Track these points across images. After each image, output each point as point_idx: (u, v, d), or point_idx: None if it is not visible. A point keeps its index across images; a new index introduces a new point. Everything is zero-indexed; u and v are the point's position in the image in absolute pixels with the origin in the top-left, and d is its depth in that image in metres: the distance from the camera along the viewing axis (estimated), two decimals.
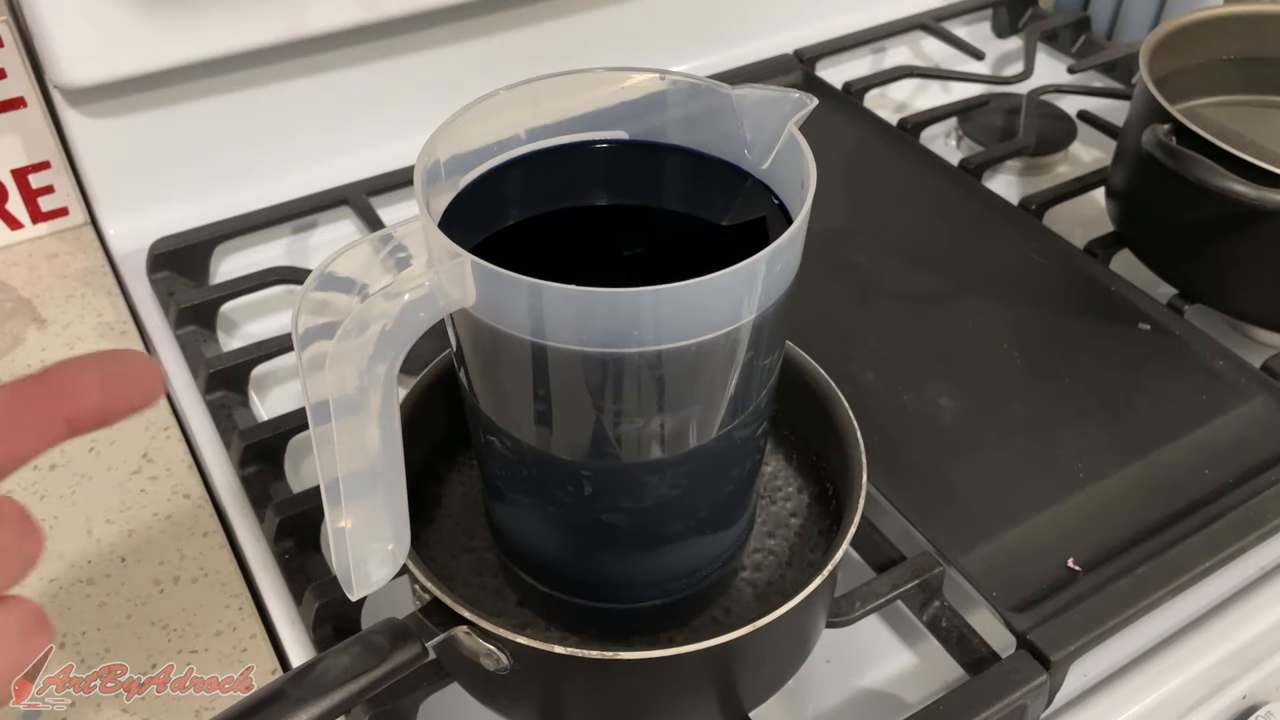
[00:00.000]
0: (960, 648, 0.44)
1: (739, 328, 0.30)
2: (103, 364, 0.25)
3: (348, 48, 0.66)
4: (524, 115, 0.36)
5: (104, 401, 0.25)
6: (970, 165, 0.68)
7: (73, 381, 0.25)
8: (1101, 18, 0.86)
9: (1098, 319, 0.58)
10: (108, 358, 0.25)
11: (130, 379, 0.25)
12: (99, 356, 0.25)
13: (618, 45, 0.75)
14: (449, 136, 0.33)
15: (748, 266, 0.29)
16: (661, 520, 0.36)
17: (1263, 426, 0.51)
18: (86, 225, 0.66)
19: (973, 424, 0.52)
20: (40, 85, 0.61)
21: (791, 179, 0.33)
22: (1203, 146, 0.53)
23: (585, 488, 0.34)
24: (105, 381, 0.25)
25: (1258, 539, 0.46)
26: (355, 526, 0.32)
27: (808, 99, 0.33)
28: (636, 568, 0.38)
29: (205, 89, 0.63)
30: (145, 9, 0.56)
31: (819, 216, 0.32)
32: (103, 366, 0.25)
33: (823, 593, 0.37)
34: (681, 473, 0.34)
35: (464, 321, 0.32)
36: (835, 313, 0.58)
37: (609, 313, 0.29)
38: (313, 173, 0.67)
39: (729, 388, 0.32)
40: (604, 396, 0.31)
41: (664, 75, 0.36)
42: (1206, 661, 0.45)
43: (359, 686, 0.33)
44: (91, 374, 0.25)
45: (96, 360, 0.25)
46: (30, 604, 0.23)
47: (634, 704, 0.38)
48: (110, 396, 0.25)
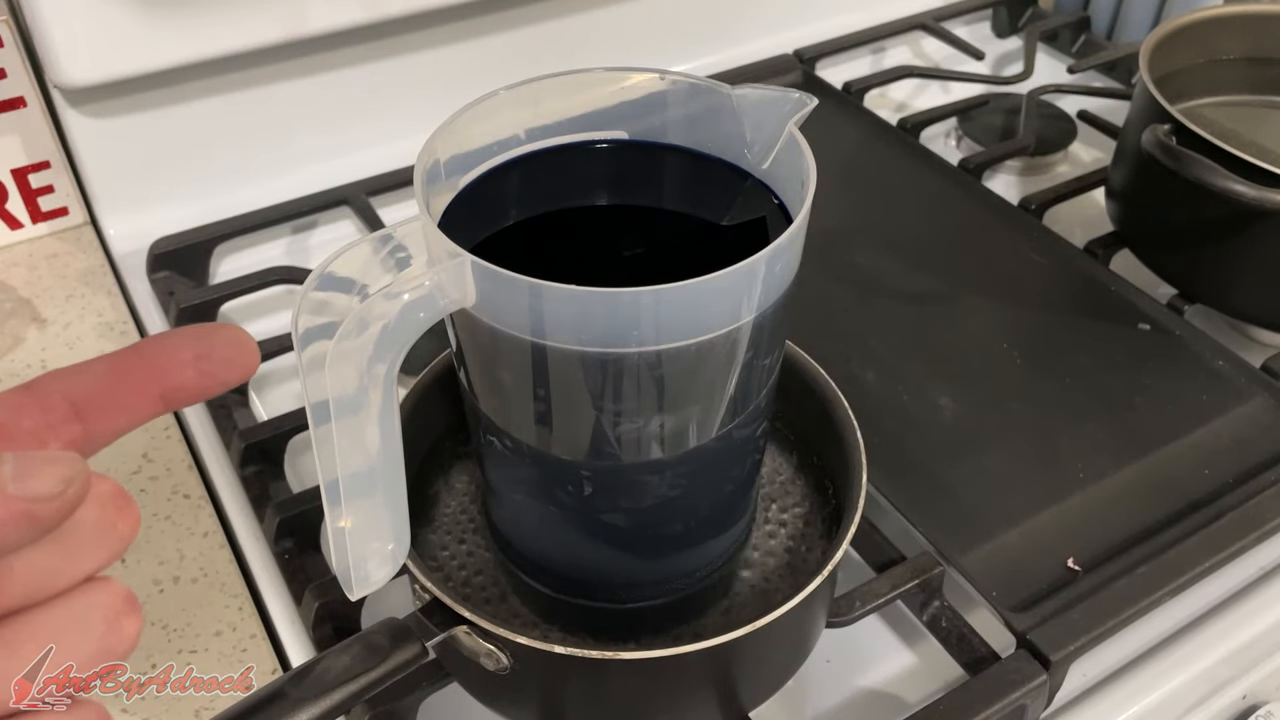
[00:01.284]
0: (960, 648, 0.44)
1: (739, 327, 0.30)
2: (198, 339, 0.25)
3: (348, 48, 0.66)
4: (524, 115, 0.36)
5: (199, 377, 0.25)
6: (970, 165, 0.68)
7: (168, 356, 0.25)
8: (1101, 18, 0.86)
9: (1098, 319, 0.58)
10: (204, 332, 0.25)
11: (226, 354, 0.25)
12: (195, 331, 0.25)
13: (618, 45, 0.75)
14: (449, 136, 0.33)
15: (747, 266, 0.29)
16: (661, 520, 0.36)
17: (1263, 426, 0.51)
18: (86, 225, 0.66)
19: (973, 424, 0.52)
20: (40, 85, 0.61)
21: (791, 179, 0.33)
22: (1203, 146, 0.53)
23: (585, 488, 0.34)
24: (200, 357, 0.25)
25: (1258, 539, 0.46)
26: (355, 526, 0.32)
27: (808, 99, 0.33)
28: (636, 568, 0.38)
29: (205, 89, 0.63)
30: (145, 9, 0.56)
31: (819, 216, 0.32)
32: (198, 341, 0.25)
33: (823, 593, 0.37)
34: (681, 473, 0.34)
35: (464, 321, 0.32)
36: (835, 313, 0.58)
37: (608, 312, 0.29)
38: (313, 173, 0.67)
39: (729, 388, 0.32)
40: (604, 396, 0.31)
41: (664, 75, 0.36)
42: (1206, 661, 0.45)
43: (359, 686, 0.33)
44: (187, 349, 0.25)
45: (193, 335, 0.25)
46: (121, 587, 0.23)
47: (634, 704, 0.38)
48: (204, 373, 0.25)
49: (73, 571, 0.22)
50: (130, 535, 0.22)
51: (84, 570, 0.22)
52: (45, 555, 0.21)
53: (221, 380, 0.25)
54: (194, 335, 0.25)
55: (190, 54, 0.59)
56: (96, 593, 0.22)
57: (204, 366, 0.25)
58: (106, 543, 0.22)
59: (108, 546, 0.22)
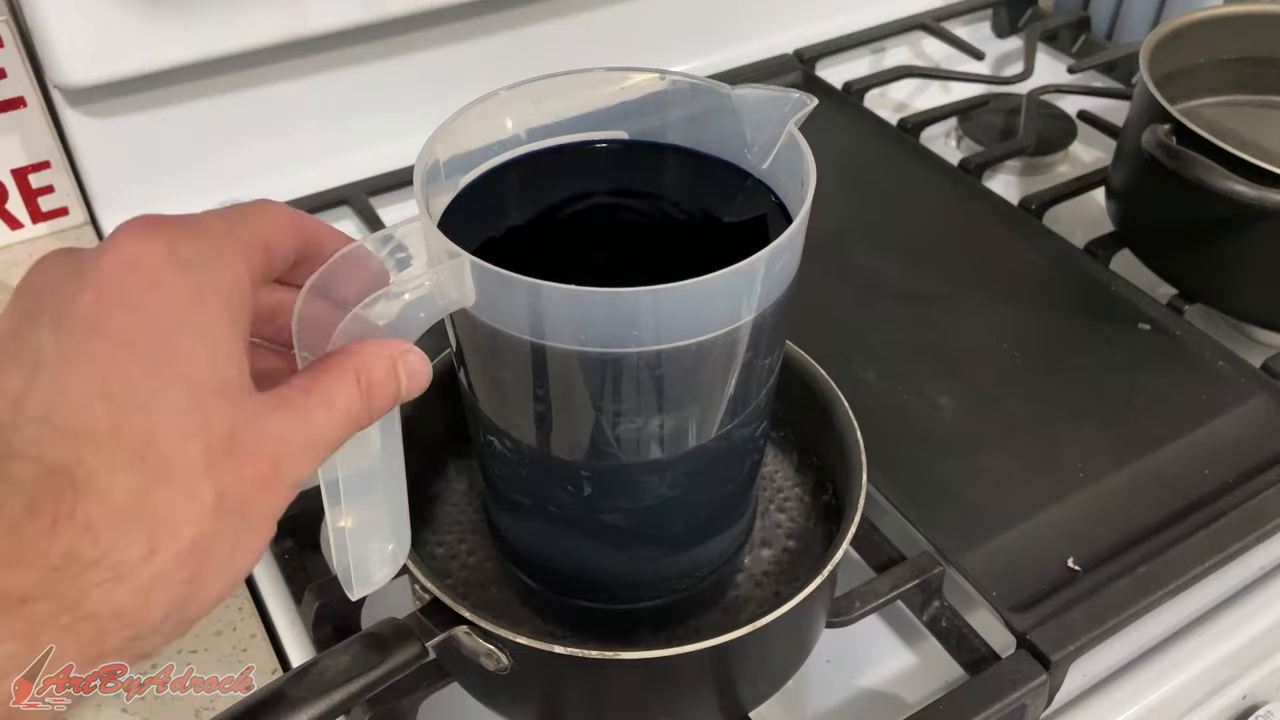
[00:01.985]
0: (960, 648, 0.44)
1: (738, 327, 0.30)
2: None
3: (348, 48, 0.66)
4: (524, 115, 0.36)
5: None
6: (970, 165, 0.68)
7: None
8: (1101, 18, 0.86)
9: (1098, 319, 0.58)
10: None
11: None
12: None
13: (618, 45, 0.74)
14: (449, 136, 0.33)
15: (747, 266, 0.29)
16: (661, 521, 0.36)
17: (1263, 426, 0.51)
18: (86, 225, 0.66)
19: (973, 424, 0.52)
20: (40, 85, 0.61)
21: (791, 179, 0.33)
22: (1203, 146, 0.53)
23: (585, 488, 0.34)
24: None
25: (1258, 539, 0.46)
26: (355, 526, 0.32)
27: (808, 99, 0.33)
28: (636, 568, 0.38)
29: (206, 89, 0.63)
30: (145, 9, 0.56)
31: (819, 216, 0.32)
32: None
33: (823, 593, 0.37)
34: (681, 473, 0.34)
35: (464, 322, 0.32)
36: (835, 313, 0.58)
37: (608, 312, 0.29)
38: (313, 173, 0.67)
39: (729, 388, 0.32)
40: (603, 397, 0.31)
41: (664, 75, 0.36)
42: (1206, 661, 0.45)
43: (359, 686, 0.33)
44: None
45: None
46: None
47: (634, 704, 0.38)
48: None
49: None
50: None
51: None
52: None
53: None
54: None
55: (191, 54, 0.59)
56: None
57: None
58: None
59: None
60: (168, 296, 0.23)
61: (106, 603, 0.21)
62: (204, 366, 0.23)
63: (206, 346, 0.23)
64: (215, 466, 0.23)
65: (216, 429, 0.23)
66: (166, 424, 0.22)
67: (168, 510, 0.22)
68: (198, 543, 0.22)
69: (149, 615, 0.22)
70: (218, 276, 0.24)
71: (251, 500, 0.24)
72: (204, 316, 0.24)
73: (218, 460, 0.23)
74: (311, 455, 0.25)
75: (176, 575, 0.22)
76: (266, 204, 0.28)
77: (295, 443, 0.25)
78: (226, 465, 0.23)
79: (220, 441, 0.23)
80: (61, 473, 0.21)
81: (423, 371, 0.28)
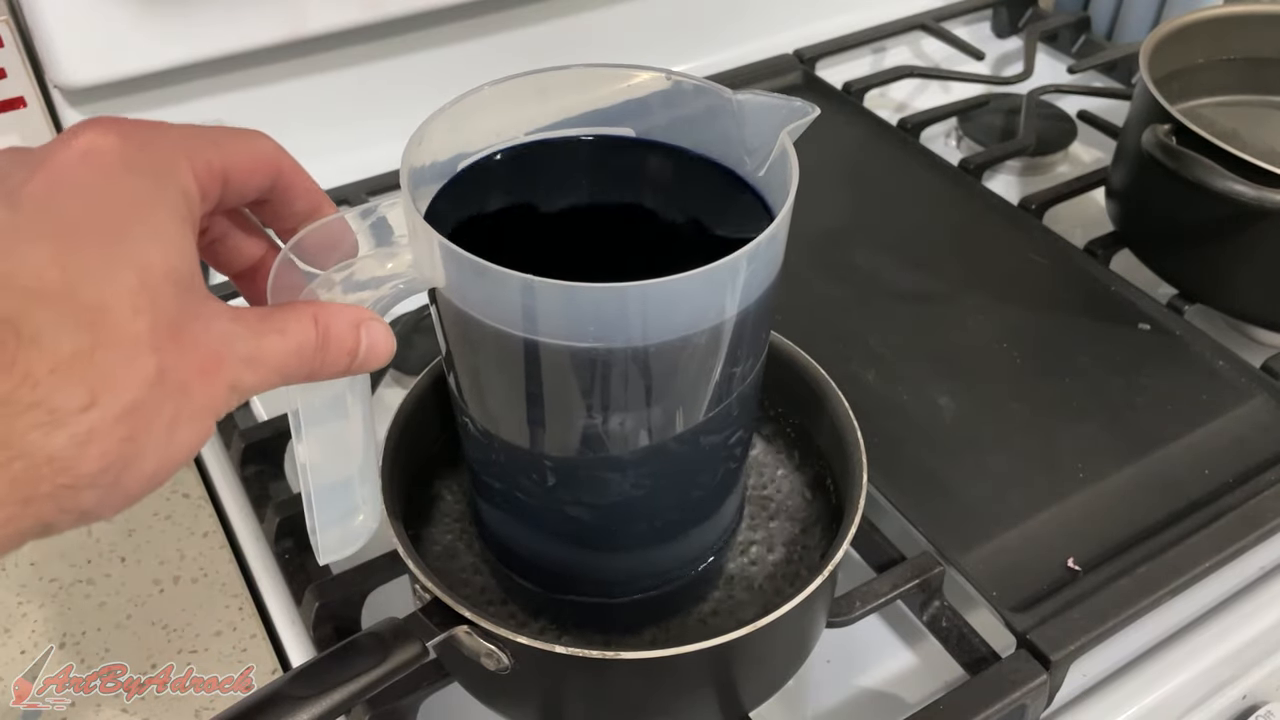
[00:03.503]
0: (960, 647, 0.44)
1: (715, 327, 0.30)
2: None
3: (348, 48, 0.66)
4: (523, 110, 0.36)
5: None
6: (970, 165, 0.68)
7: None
8: (1101, 18, 0.86)
9: (1098, 319, 0.58)
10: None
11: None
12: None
13: (618, 45, 0.75)
14: (443, 125, 0.33)
15: (725, 265, 0.29)
16: (625, 519, 0.36)
17: (1263, 426, 0.51)
18: None
19: (973, 424, 0.52)
20: (40, 85, 0.61)
21: (783, 186, 0.33)
22: (1203, 146, 0.53)
23: (549, 478, 0.34)
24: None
25: (1258, 539, 0.46)
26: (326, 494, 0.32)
27: (810, 108, 0.33)
28: (603, 564, 0.38)
29: (205, 89, 0.63)
30: (145, 9, 0.56)
31: (820, 216, 0.32)
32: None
33: (823, 593, 0.37)
34: (644, 473, 0.34)
35: (444, 303, 0.32)
36: (835, 313, 0.58)
37: (594, 307, 0.29)
38: (313, 173, 0.66)
39: (699, 388, 0.32)
40: (576, 390, 0.31)
41: (668, 75, 0.36)
42: (1206, 661, 0.45)
43: (359, 686, 0.33)
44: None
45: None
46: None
47: (634, 704, 0.38)
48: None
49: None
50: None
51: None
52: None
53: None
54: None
55: (190, 54, 0.59)
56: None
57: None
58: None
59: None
60: (119, 190, 0.24)
61: (42, 445, 0.22)
62: (156, 255, 0.24)
63: (159, 241, 0.24)
64: (160, 344, 0.23)
65: (165, 311, 0.23)
66: (116, 297, 0.23)
67: (109, 371, 0.22)
68: (137, 406, 0.23)
69: (84, 465, 0.22)
70: (167, 185, 0.25)
71: (192, 384, 0.24)
72: (154, 214, 0.24)
73: (162, 340, 0.23)
74: (254, 371, 0.26)
75: (114, 432, 0.23)
76: (247, 136, 0.29)
77: (239, 350, 0.25)
78: (170, 346, 0.23)
79: (167, 324, 0.23)
80: (5, 324, 0.21)
81: (384, 341, 0.29)
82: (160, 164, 0.25)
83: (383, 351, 0.29)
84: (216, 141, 0.27)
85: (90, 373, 0.22)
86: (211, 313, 0.25)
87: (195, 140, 0.26)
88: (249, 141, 0.28)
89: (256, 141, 0.29)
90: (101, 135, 0.24)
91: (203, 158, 0.26)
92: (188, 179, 0.26)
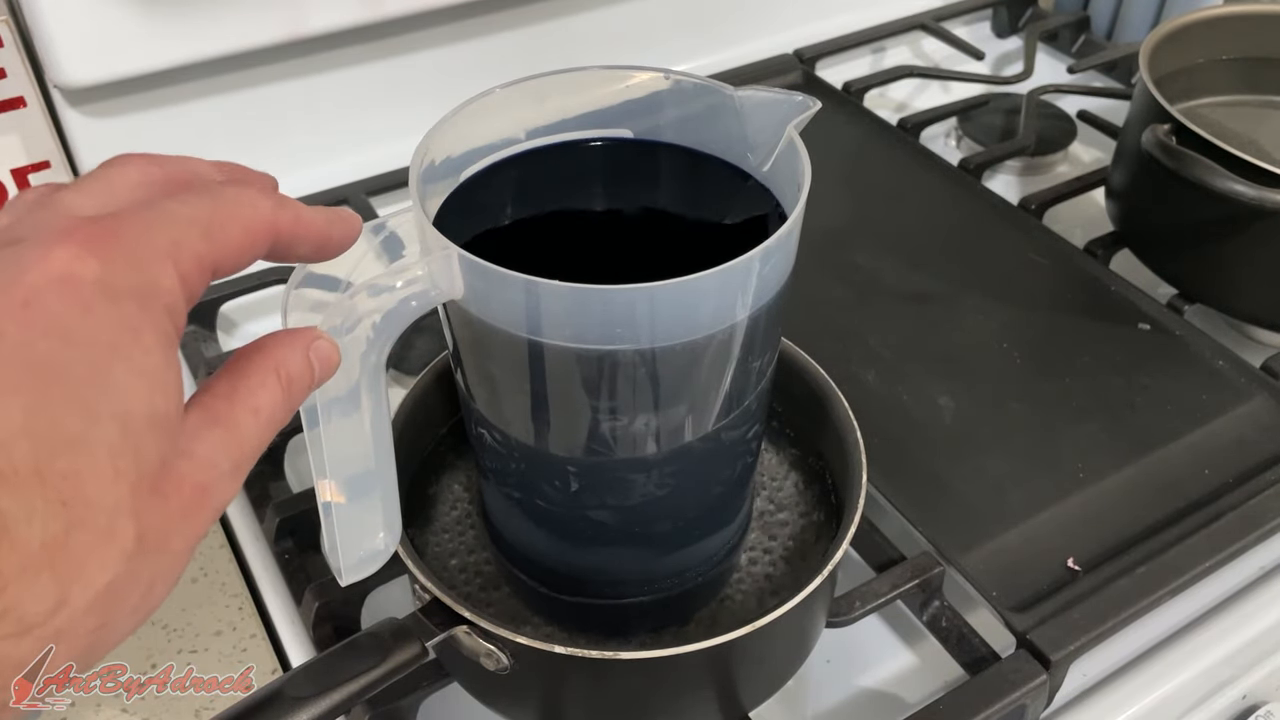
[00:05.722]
0: (960, 647, 0.44)
1: (733, 325, 0.30)
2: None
3: (348, 48, 0.66)
4: (525, 113, 0.36)
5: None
6: (970, 165, 0.68)
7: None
8: (1101, 18, 0.86)
9: (1098, 319, 0.58)
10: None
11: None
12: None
13: (618, 45, 0.75)
14: (448, 131, 0.33)
15: (740, 265, 0.29)
16: (649, 519, 0.36)
17: (1263, 426, 0.51)
18: None
19: (973, 424, 0.52)
20: (40, 85, 0.61)
21: (790, 182, 0.33)
22: (1203, 146, 0.53)
23: (572, 484, 0.34)
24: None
25: (1258, 539, 0.46)
26: (345, 508, 0.32)
27: (811, 102, 0.33)
28: (624, 565, 0.38)
29: (205, 89, 0.63)
30: (145, 9, 0.56)
31: (819, 216, 0.32)
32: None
33: (823, 593, 0.37)
34: (668, 472, 0.34)
35: (457, 315, 0.32)
36: (835, 313, 0.58)
37: (602, 309, 0.29)
38: (313, 173, 0.67)
39: (721, 387, 0.32)
40: (592, 394, 0.31)
41: (668, 75, 0.36)
42: (1206, 661, 0.45)
43: (359, 686, 0.33)
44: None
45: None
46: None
47: (634, 704, 0.38)
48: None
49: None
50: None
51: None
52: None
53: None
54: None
55: (190, 54, 0.59)
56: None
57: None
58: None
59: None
60: (98, 325, 0.22)
61: (9, 655, 0.20)
62: (138, 399, 0.22)
63: (140, 378, 0.22)
64: (141, 505, 0.22)
65: (147, 464, 0.22)
66: (94, 464, 0.21)
67: (83, 557, 0.21)
68: (112, 588, 0.21)
69: (52, 665, 0.21)
70: (151, 306, 0.23)
71: (173, 534, 0.23)
72: (137, 347, 0.22)
73: (144, 498, 0.22)
74: (239, 471, 0.25)
75: (85, 624, 0.21)
76: (243, 206, 0.26)
77: (224, 466, 0.24)
78: (153, 502, 0.22)
79: (149, 477, 0.22)
80: None
81: (332, 357, 0.28)
82: (144, 282, 0.23)
83: (331, 367, 0.28)
84: (208, 232, 0.24)
85: (62, 564, 0.20)
86: (192, 436, 0.23)
87: (184, 233, 0.24)
88: (244, 212, 0.26)
89: (253, 209, 0.26)
90: (79, 260, 0.22)
91: (191, 255, 0.24)
92: (173, 293, 0.23)
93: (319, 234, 0.28)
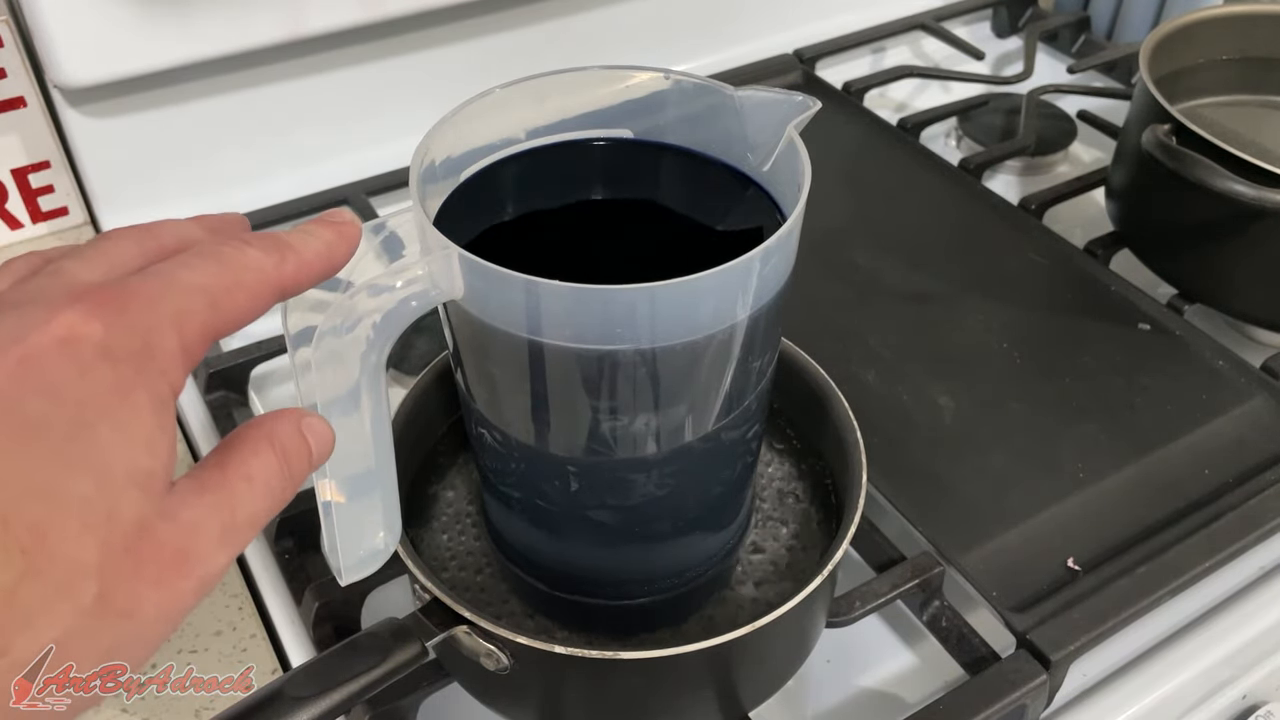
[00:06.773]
0: (960, 647, 0.44)
1: (733, 325, 0.30)
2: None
3: (348, 48, 0.66)
4: (525, 113, 0.36)
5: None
6: (970, 165, 0.68)
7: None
8: (1101, 18, 0.86)
9: (1098, 319, 0.58)
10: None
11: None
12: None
13: (618, 45, 0.75)
14: (448, 131, 0.33)
15: (740, 265, 0.29)
16: (649, 519, 0.36)
17: (1263, 426, 0.51)
18: (86, 225, 0.66)
19: (973, 424, 0.52)
20: (40, 85, 0.61)
21: (790, 182, 0.33)
22: (1203, 146, 0.53)
23: (572, 484, 0.34)
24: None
25: (1258, 539, 0.46)
26: (345, 508, 0.32)
27: (811, 102, 0.33)
28: (624, 565, 0.38)
29: (205, 89, 0.63)
30: (145, 9, 0.56)
31: (819, 216, 0.32)
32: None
33: (823, 593, 0.37)
34: (668, 472, 0.34)
35: (457, 315, 0.32)
36: (835, 313, 0.58)
37: (602, 309, 0.29)
38: (313, 173, 0.67)
39: (722, 386, 0.32)
40: (596, 394, 0.31)
41: (668, 75, 0.36)
42: (1206, 661, 0.45)
43: (359, 686, 0.33)
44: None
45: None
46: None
47: (634, 704, 0.38)
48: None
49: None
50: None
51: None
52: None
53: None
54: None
55: (190, 54, 0.59)
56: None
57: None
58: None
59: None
60: (91, 387, 0.22)
61: None
62: (120, 457, 0.22)
63: (126, 436, 0.22)
64: (108, 564, 0.21)
65: (122, 522, 0.21)
66: (62, 517, 0.21)
67: (31, 607, 0.20)
68: (60, 643, 0.21)
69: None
70: (147, 369, 0.23)
71: (143, 601, 0.22)
72: (127, 409, 0.22)
73: (114, 557, 0.21)
74: (229, 540, 0.24)
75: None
76: (250, 271, 0.25)
77: (211, 531, 0.23)
78: (124, 563, 0.21)
79: (122, 536, 0.21)
80: None
81: (326, 433, 0.27)
82: (145, 347, 0.23)
83: (328, 445, 0.27)
84: (214, 301, 0.24)
85: (8, 614, 0.20)
86: (178, 501, 0.23)
87: (191, 302, 0.24)
88: (249, 278, 0.25)
89: (259, 273, 0.26)
90: (84, 321, 0.22)
91: (196, 324, 0.24)
92: (172, 358, 0.23)
93: (323, 269, 0.28)
